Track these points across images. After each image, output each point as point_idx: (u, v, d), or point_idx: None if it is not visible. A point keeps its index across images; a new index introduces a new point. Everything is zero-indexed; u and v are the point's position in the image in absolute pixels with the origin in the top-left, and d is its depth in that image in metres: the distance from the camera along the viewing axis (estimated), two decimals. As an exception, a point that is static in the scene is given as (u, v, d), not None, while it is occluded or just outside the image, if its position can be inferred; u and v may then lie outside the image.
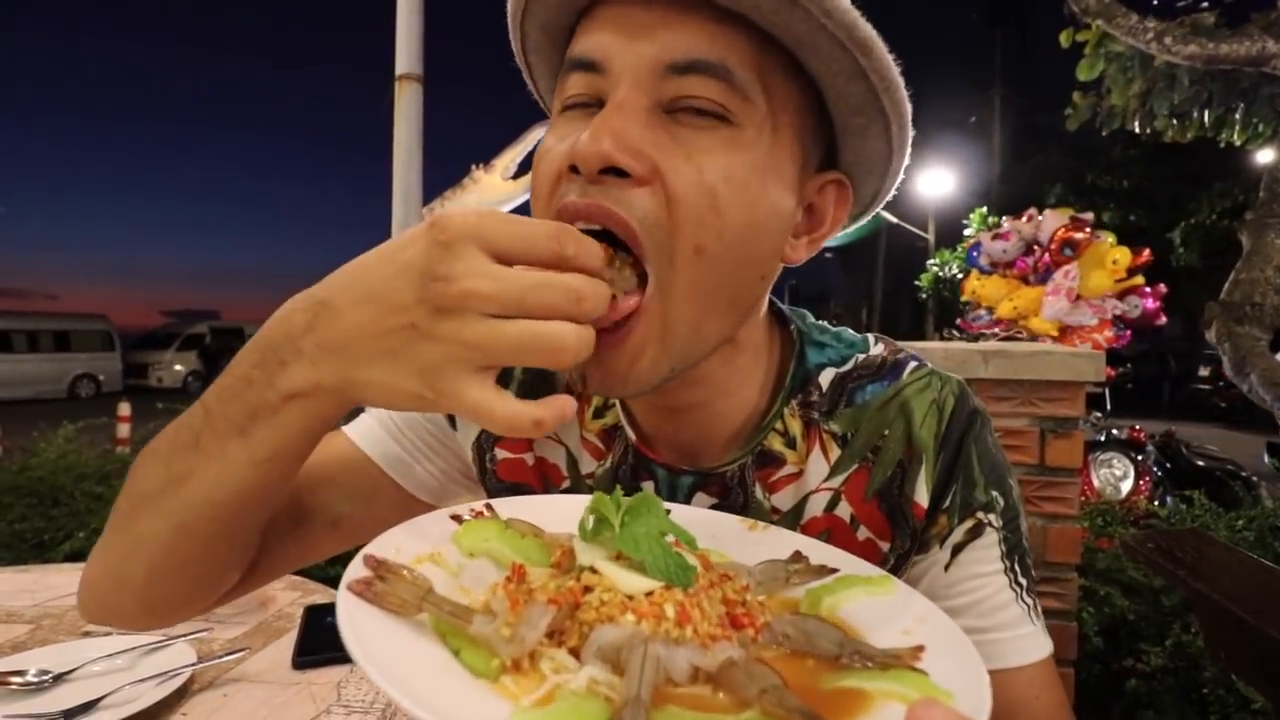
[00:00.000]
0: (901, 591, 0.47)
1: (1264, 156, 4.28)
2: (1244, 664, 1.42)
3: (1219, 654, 1.60)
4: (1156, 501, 4.34)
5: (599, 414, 0.70)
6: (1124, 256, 3.62)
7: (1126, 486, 4.62)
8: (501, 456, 0.73)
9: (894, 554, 0.63)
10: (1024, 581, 0.61)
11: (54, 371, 17.35)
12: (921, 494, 0.62)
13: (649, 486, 0.67)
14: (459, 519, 0.50)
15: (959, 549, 0.61)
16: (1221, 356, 3.37)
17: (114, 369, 18.65)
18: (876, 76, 0.52)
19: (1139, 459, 4.78)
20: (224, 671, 1.00)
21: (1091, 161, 17.83)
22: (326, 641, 1.06)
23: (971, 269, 4.33)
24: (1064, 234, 3.66)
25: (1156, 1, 3.74)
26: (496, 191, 2.74)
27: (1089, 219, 3.75)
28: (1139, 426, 5.32)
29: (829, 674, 0.39)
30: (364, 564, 0.40)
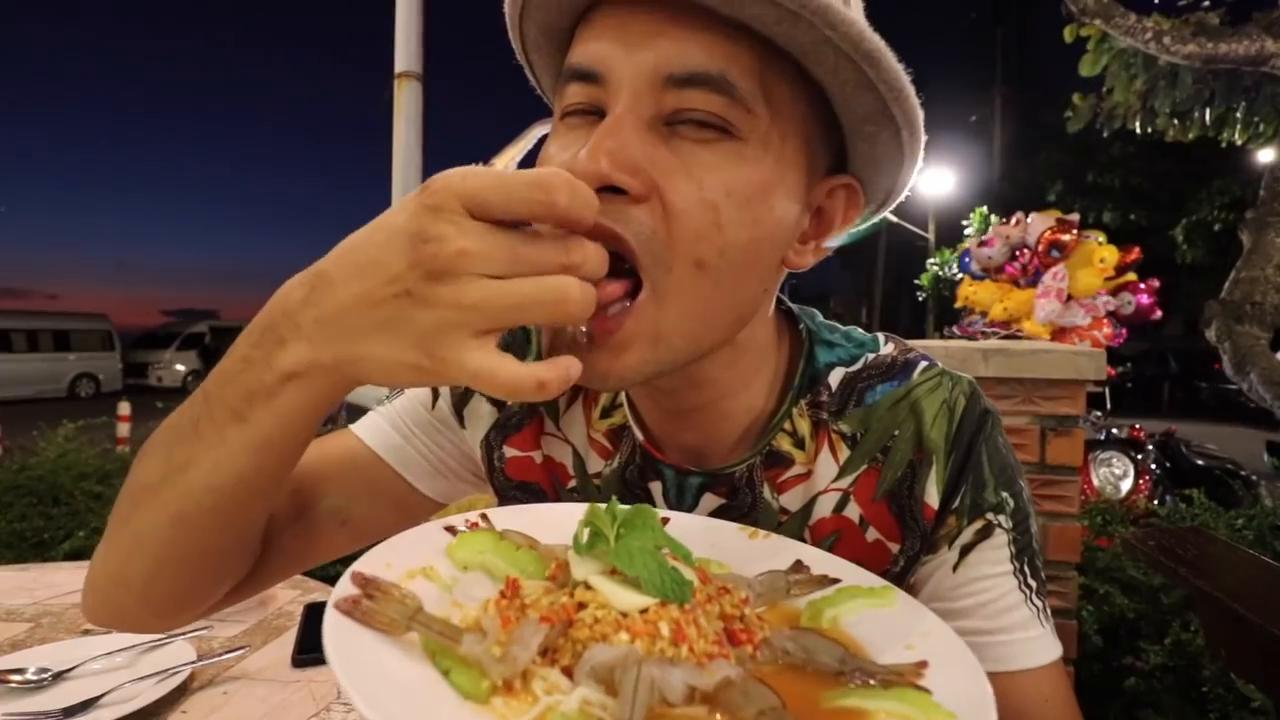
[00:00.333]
0: (904, 603, 0.47)
1: (1265, 156, 4.28)
2: (1244, 661, 1.42)
3: (1220, 651, 1.60)
4: (1156, 500, 4.36)
5: (606, 413, 0.69)
6: (1112, 255, 3.61)
7: (1126, 485, 4.64)
8: (510, 455, 0.72)
9: (903, 555, 0.62)
10: (1034, 584, 0.61)
11: (53, 371, 17.34)
12: (932, 495, 0.61)
13: (657, 487, 0.66)
14: (453, 530, 0.49)
15: (968, 550, 0.61)
16: (1221, 355, 3.37)
17: (114, 368, 18.63)
18: (885, 87, 0.50)
19: (1139, 458, 4.79)
20: (224, 669, 0.99)
21: (1092, 160, 17.81)
22: (327, 640, 1.06)
23: (963, 275, 4.33)
24: (1050, 236, 3.66)
25: (1158, 0, 3.74)
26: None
27: (1075, 220, 3.74)
28: (1139, 425, 5.33)
29: (830, 691, 0.39)
30: (351, 581, 0.39)
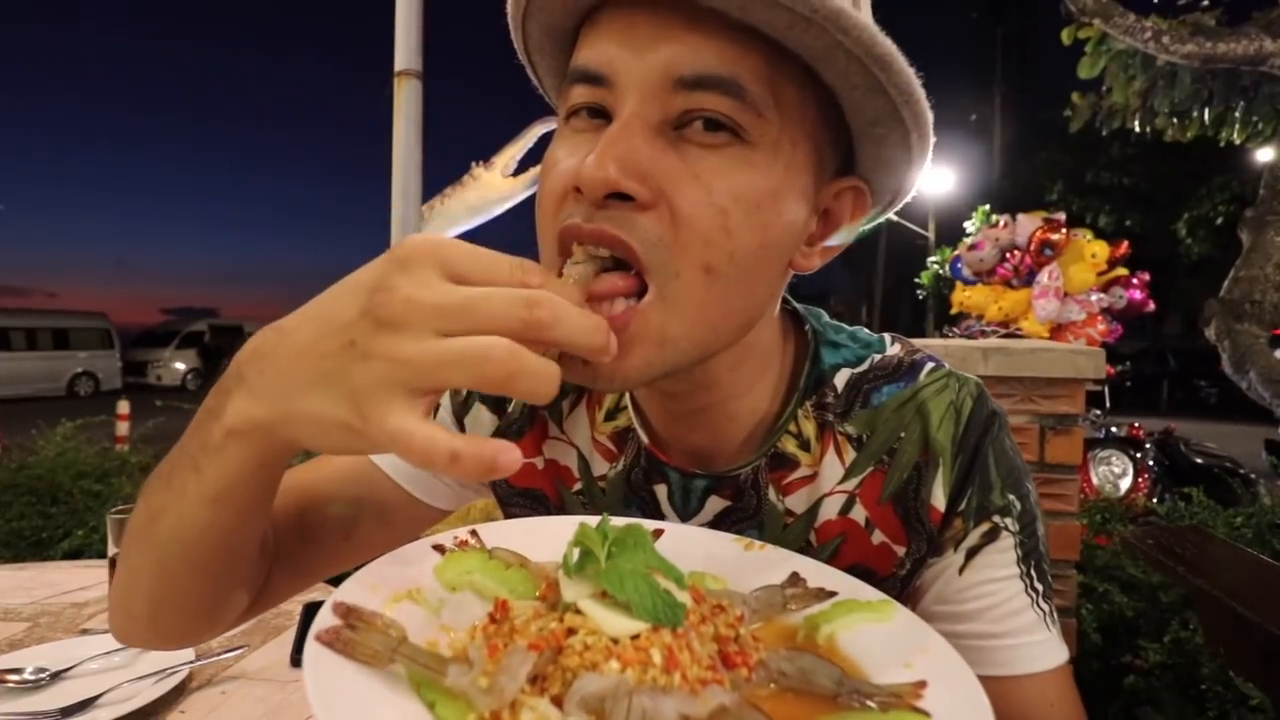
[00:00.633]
0: (902, 618, 0.46)
1: (1264, 155, 4.28)
2: (1243, 660, 1.42)
3: (1218, 650, 1.60)
4: (1155, 499, 4.36)
5: (611, 416, 0.68)
6: (1102, 250, 3.65)
7: (1125, 484, 4.64)
8: None
9: (909, 559, 0.61)
10: (1040, 587, 0.60)
11: (52, 369, 17.31)
12: (938, 498, 0.60)
13: (662, 490, 0.66)
14: (442, 549, 0.48)
15: (973, 553, 0.60)
16: (1221, 354, 3.38)
17: (113, 367, 18.60)
18: (896, 91, 0.50)
19: (1138, 456, 4.80)
20: (222, 669, 0.99)
21: (1090, 160, 17.79)
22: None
23: (956, 281, 4.35)
24: (1041, 235, 3.69)
25: (1158, 0, 3.74)
26: (497, 189, 2.71)
27: (1062, 219, 3.78)
28: (1138, 424, 5.34)
29: (827, 714, 0.38)
30: (333, 612, 0.37)
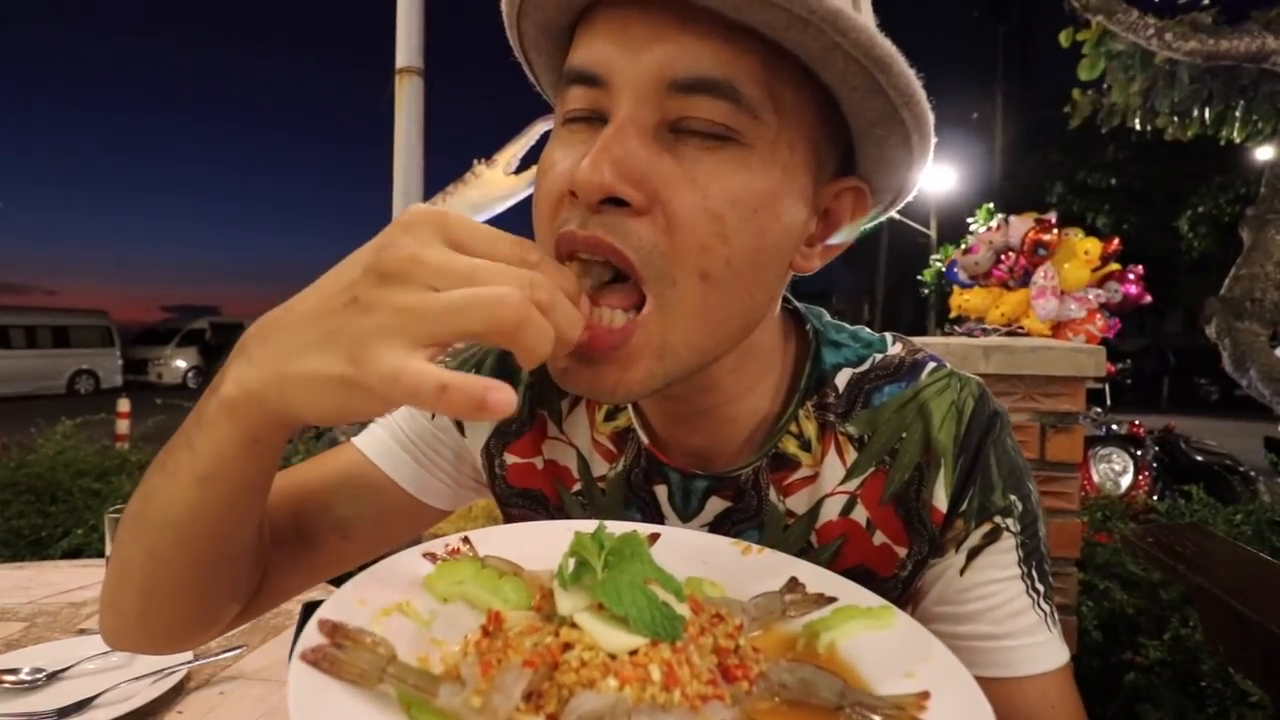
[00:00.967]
0: (902, 624, 0.45)
1: (1264, 153, 4.28)
2: (1243, 657, 1.42)
3: (1218, 647, 1.60)
4: (1155, 496, 4.36)
5: (611, 416, 0.68)
6: (1095, 247, 3.70)
7: (1126, 481, 4.64)
8: (511, 461, 0.71)
9: (911, 559, 0.61)
10: (1041, 588, 0.59)
11: (52, 367, 17.30)
12: (940, 498, 0.60)
13: (662, 490, 0.66)
14: (433, 557, 0.47)
15: (975, 553, 0.60)
16: (1221, 352, 3.38)
17: (113, 365, 18.59)
18: (896, 92, 0.49)
19: (1138, 454, 4.80)
20: (221, 669, 0.98)
21: (1087, 160, 17.74)
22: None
23: (953, 285, 4.37)
24: (1033, 236, 3.73)
25: (1157, 1, 3.73)
26: (498, 186, 2.71)
27: (1052, 220, 3.82)
28: (1138, 421, 5.34)
29: None
30: (319, 630, 0.36)
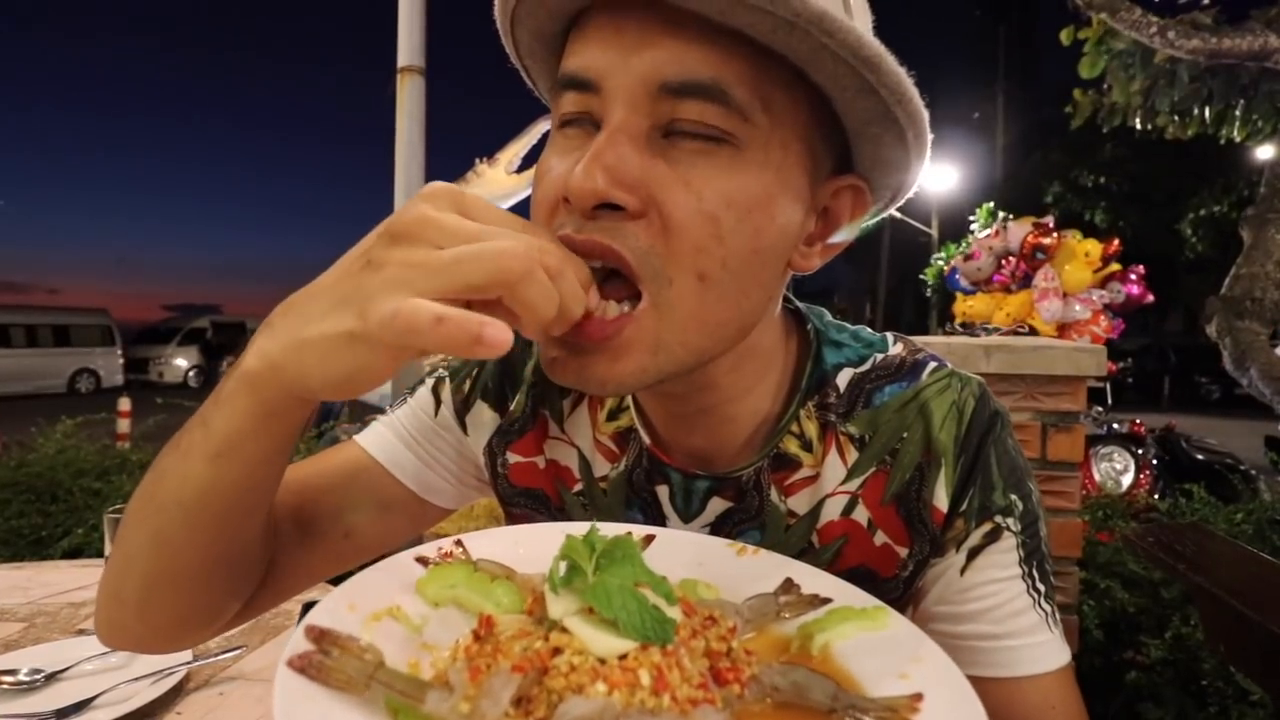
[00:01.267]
0: (896, 625, 0.45)
1: (1264, 153, 4.28)
2: (1243, 656, 1.42)
3: (1219, 646, 1.59)
4: (1156, 495, 4.36)
5: (613, 416, 0.68)
6: (1095, 248, 3.70)
7: (1127, 480, 4.64)
8: (513, 460, 0.71)
9: (912, 559, 0.61)
10: (1042, 588, 0.59)
11: (53, 366, 17.30)
12: (941, 498, 0.60)
13: (663, 490, 0.66)
14: (425, 561, 0.47)
15: (975, 553, 0.59)
16: (1222, 351, 3.37)
17: (114, 364, 18.59)
18: (887, 91, 0.49)
19: (1139, 453, 4.80)
20: (220, 670, 0.98)
21: (1086, 159, 17.70)
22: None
23: (954, 292, 4.37)
24: (1032, 240, 3.74)
25: (1157, 0, 3.73)
26: (500, 185, 2.72)
27: (1050, 223, 3.83)
28: (1139, 420, 5.33)
29: None
30: (306, 636, 0.35)
